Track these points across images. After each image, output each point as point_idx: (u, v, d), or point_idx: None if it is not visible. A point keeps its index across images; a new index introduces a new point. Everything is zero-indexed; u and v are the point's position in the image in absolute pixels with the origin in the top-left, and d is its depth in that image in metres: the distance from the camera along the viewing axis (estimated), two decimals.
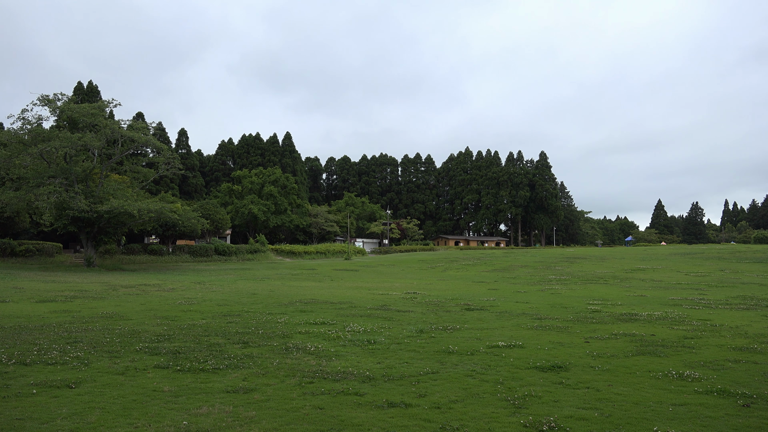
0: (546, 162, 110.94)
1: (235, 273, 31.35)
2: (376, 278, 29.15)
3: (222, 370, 7.26)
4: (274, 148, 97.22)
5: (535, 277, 29.28)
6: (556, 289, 21.98)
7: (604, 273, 31.51)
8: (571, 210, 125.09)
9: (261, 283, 23.79)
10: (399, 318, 12.53)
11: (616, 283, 24.97)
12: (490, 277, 30.40)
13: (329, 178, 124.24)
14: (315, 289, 20.93)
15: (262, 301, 15.97)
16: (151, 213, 32.89)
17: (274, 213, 70.96)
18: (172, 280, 24.49)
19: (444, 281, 27.11)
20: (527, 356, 8.32)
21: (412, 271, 35.80)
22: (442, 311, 14.02)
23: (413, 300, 16.96)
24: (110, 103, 37.56)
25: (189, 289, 19.95)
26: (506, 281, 26.96)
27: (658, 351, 8.82)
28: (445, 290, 21.26)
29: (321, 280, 26.83)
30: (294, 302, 15.73)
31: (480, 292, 20.62)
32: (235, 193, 73.27)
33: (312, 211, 77.95)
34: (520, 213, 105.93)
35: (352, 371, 7.24)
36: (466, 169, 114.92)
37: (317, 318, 12.18)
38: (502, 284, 24.89)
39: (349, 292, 20.06)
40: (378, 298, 17.40)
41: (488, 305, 15.48)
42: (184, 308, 13.99)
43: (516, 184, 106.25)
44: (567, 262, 40.67)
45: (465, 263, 41.35)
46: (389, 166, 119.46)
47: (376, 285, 23.94)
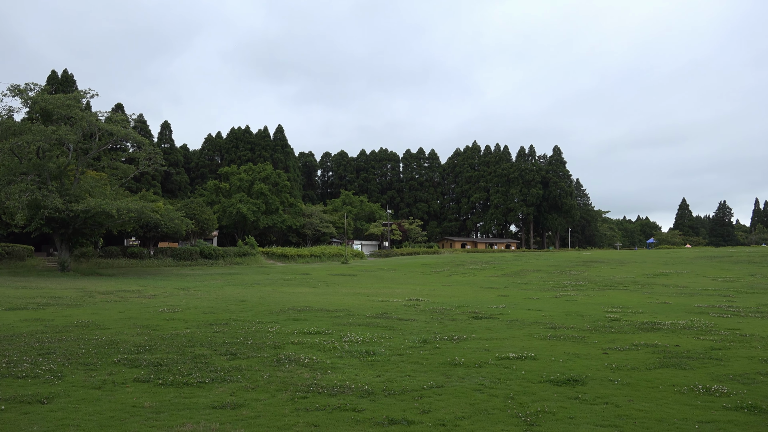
0: (560, 157, 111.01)
1: (223, 278, 31.35)
2: (375, 284, 29.12)
3: (208, 384, 7.25)
4: (264, 143, 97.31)
5: (548, 283, 29.26)
6: (571, 295, 21.96)
7: (624, 278, 31.50)
8: (588, 210, 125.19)
9: (250, 289, 23.77)
10: (400, 327, 12.52)
11: (636, 289, 24.96)
12: (499, 282, 30.37)
13: (325, 174, 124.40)
14: (309, 296, 20.91)
15: (251, 309, 15.95)
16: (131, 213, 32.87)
17: (265, 213, 70.98)
18: (154, 286, 24.49)
19: (449, 287, 27.08)
20: (540, 369, 8.30)
21: (414, 276, 35.78)
22: (447, 320, 14.01)
23: (416, 307, 16.95)
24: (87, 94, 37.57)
25: (172, 296, 19.93)
26: (517, 287, 26.95)
27: (683, 363, 8.80)
28: (450, 297, 21.24)
29: (315, 286, 26.82)
30: (286, 310, 15.71)
31: (489, 298, 20.59)
32: (222, 191, 73.30)
33: (306, 210, 77.97)
34: (532, 213, 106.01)
35: (349, 385, 7.23)
36: (473, 165, 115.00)
37: (311, 327, 12.17)
38: (512, 290, 24.87)
39: (346, 298, 20.04)
40: (378, 306, 17.39)
41: (498, 313, 15.47)
42: (167, 316, 13.98)
43: (527, 181, 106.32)
44: (583, 266, 40.67)
45: (472, 267, 41.33)
46: (390, 162, 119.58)
47: (375, 291, 23.92)
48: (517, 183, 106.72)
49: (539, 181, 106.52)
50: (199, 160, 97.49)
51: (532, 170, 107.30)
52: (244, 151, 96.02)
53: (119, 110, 72.91)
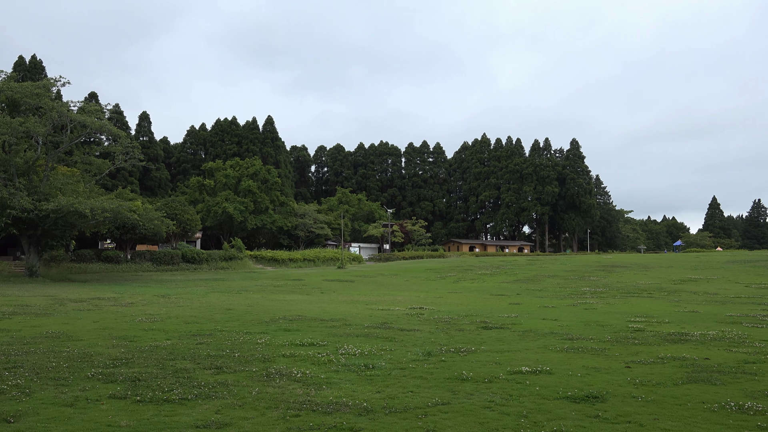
0: (578, 152, 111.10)
1: (207, 284, 31.36)
2: (374, 290, 29.13)
3: (190, 401, 7.25)
4: (253, 135, 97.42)
5: (565, 290, 29.27)
6: (590, 303, 21.97)
7: (649, 284, 31.51)
8: (609, 209, 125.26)
9: (237, 297, 23.79)
10: (402, 338, 12.52)
11: (662, 297, 24.97)
12: (511, 289, 30.39)
13: (319, 170, 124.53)
14: (302, 304, 20.92)
15: (238, 318, 15.96)
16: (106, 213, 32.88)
17: (253, 212, 71.03)
18: (131, 293, 24.50)
19: (456, 294, 27.10)
20: (556, 384, 8.30)
21: (418, 282, 35.80)
22: (454, 330, 14.01)
23: (419, 316, 16.95)
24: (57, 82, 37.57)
25: (151, 304, 19.94)
26: (531, 294, 26.96)
27: (714, 378, 8.80)
28: (457, 305, 21.25)
29: (309, 293, 26.83)
30: (277, 319, 15.72)
31: (500, 307, 20.60)
32: (206, 189, 73.36)
33: (298, 210, 78.03)
34: (547, 212, 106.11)
35: (346, 402, 7.23)
36: (482, 160, 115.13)
37: (304, 338, 12.17)
38: (526, 298, 24.89)
39: (342, 307, 20.06)
40: (377, 315, 17.39)
41: (509, 323, 15.47)
42: (145, 326, 13.98)
43: (542, 177, 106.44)
44: (604, 271, 40.69)
45: (481, 272, 41.34)
46: (391, 157, 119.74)
47: (375, 299, 23.94)
48: (531, 180, 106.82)
49: (555, 178, 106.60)
50: (180, 154, 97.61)
51: (547, 166, 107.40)
52: (230, 144, 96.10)
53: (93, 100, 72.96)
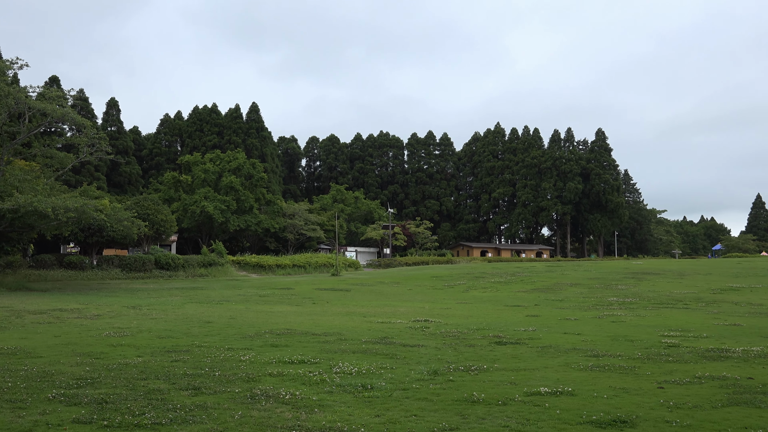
0: (604, 143, 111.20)
1: (183, 294, 31.38)
2: (373, 301, 29.14)
3: (164, 426, 7.26)
4: (236, 125, 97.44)
5: (589, 300, 29.28)
6: (618, 315, 21.99)
7: (684, 294, 31.53)
8: (639, 209, 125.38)
9: (218, 308, 23.81)
10: (405, 355, 12.53)
11: (700, 308, 24.98)
12: (528, 299, 30.40)
13: (311, 165, 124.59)
14: (291, 316, 20.95)
15: (219, 332, 15.97)
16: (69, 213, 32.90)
17: (236, 212, 71.09)
18: (98, 304, 24.52)
19: (466, 305, 27.12)
20: (579, 407, 8.31)
21: (422, 291, 35.81)
22: (463, 345, 14.02)
23: (424, 330, 16.97)
24: (14, 64, 37.59)
25: (120, 316, 19.96)
26: (551, 305, 26.97)
27: (758, 400, 8.80)
28: (467, 317, 21.27)
29: (299, 304, 26.85)
30: (262, 333, 15.73)
31: (515, 319, 20.62)
32: (182, 186, 73.40)
33: (287, 209, 78.09)
34: (569, 212, 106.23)
35: (341, 427, 7.23)
36: (496, 152, 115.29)
37: (294, 355, 12.18)
38: (545, 309, 24.90)
39: (337, 319, 20.07)
40: (377, 328, 17.41)
41: (526, 337, 15.48)
42: (114, 342, 14.00)
43: (564, 172, 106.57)
44: (633, 278, 40.70)
45: (494, 280, 41.37)
46: (392, 149, 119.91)
47: (374, 310, 23.96)
48: (551, 175, 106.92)
49: (578, 173, 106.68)
50: (153, 146, 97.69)
51: (569, 159, 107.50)
52: (210, 135, 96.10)
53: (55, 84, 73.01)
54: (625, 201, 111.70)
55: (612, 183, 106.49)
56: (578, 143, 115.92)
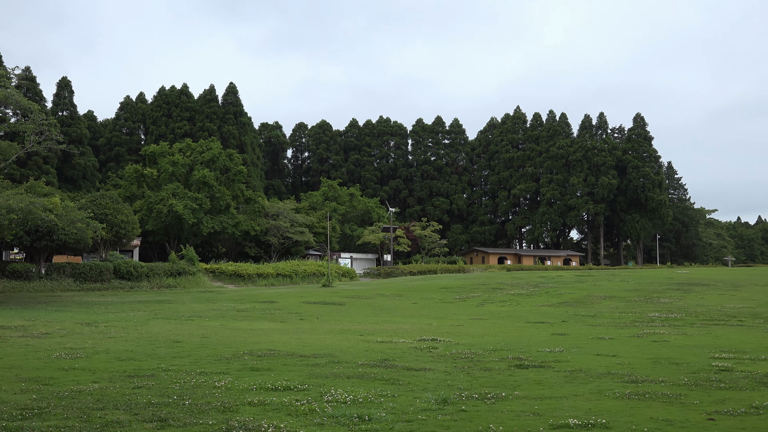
0: (644, 130, 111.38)
1: (147, 308, 31.35)
2: (372, 316, 29.12)
3: None
4: (210, 109, 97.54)
5: (626, 316, 29.26)
6: (660, 334, 21.95)
7: (739, 309, 31.48)
8: (685, 208, 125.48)
9: (188, 325, 23.78)
10: (409, 380, 12.50)
11: (757, 325, 24.94)
12: (555, 314, 30.38)
13: (298, 156, 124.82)
14: (275, 334, 20.92)
15: (189, 354, 15.94)
16: (12, 213, 32.85)
17: (210, 212, 71.12)
18: (46, 320, 24.48)
19: (481, 321, 27.10)
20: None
21: (429, 306, 35.78)
22: (477, 369, 13.99)
23: (432, 351, 16.94)
24: None
25: (73, 335, 19.92)
26: (581, 321, 26.95)
27: None
28: (482, 335, 21.25)
29: (284, 320, 26.82)
30: (241, 355, 15.70)
31: (539, 338, 20.60)
32: (147, 181, 73.46)
33: (270, 208, 78.13)
34: (602, 212, 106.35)
35: None
36: (515, 141, 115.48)
37: (278, 380, 12.14)
38: (574, 326, 24.88)
39: (329, 338, 20.05)
40: (376, 349, 17.38)
41: (552, 360, 15.45)
42: (65, 365, 13.96)
43: (596, 165, 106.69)
44: (678, 290, 40.67)
45: (515, 293, 41.35)
46: (394, 138, 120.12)
47: (372, 327, 23.94)
48: (581, 168, 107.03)
49: (613, 166, 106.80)
50: (112, 134, 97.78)
51: (602, 150, 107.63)
52: (179, 121, 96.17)
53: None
54: (668, 199, 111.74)
55: (653, 177, 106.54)
56: (613, 130, 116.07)
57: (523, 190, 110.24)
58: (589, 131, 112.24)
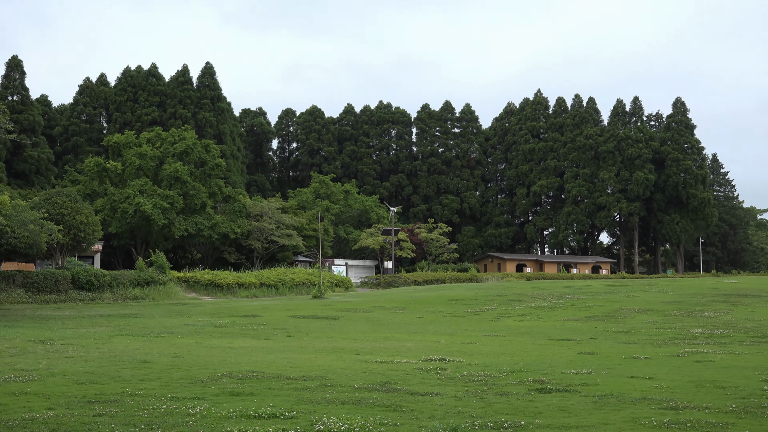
0: (685, 117, 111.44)
1: (111, 323, 31.33)
2: (371, 333, 29.13)
3: None
4: (183, 93, 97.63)
5: (665, 332, 29.24)
6: (704, 353, 21.93)
7: None
8: (732, 207, 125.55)
9: (158, 342, 23.76)
10: (414, 406, 12.48)
11: None
12: (582, 330, 30.37)
13: (285, 147, 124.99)
14: (258, 353, 20.90)
15: (159, 376, 15.92)
16: None
17: (183, 212, 71.15)
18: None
19: (497, 338, 27.10)
20: None
21: (437, 320, 35.77)
22: (493, 394, 13.98)
23: (440, 373, 16.93)
24: None
25: (24, 354, 19.91)
26: (612, 339, 26.94)
27: None
28: (498, 355, 21.25)
29: (269, 337, 26.81)
30: (219, 377, 15.68)
31: (564, 358, 20.59)
32: (110, 176, 73.47)
33: (253, 208, 78.15)
34: (636, 212, 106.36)
35: None
36: (536, 130, 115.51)
37: (261, 407, 12.13)
38: (604, 344, 24.87)
39: (321, 357, 20.04)
40: (375, 370, 17.37)
41: (579, 383, 15.43)
42: (15, 389, 13.93)
43: (630, 158, 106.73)
44: (725, 302, 40.63)
45: (536, 305, 41.33)
46: (396, 126, 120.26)
47: (371, 345, 23.94)
48: (612, 161, 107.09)
49: (649, 159, 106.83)
50: (70, 122, 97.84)
51: (637, 140, 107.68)
52: (147, 107, 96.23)
53: None
54: (713, 197, 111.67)
55: (695, 172, 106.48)
56: (649, 117, 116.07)
57: (545, 186, 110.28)
58: (621, 118, 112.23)
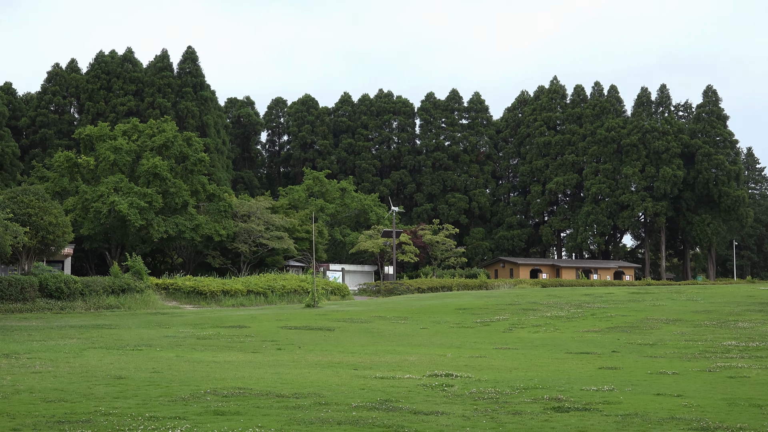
0: (716, 107, 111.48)
1: (83, 334, 31.33)
2: (370, 345, 29.13)
3: None
4: (162, 81, 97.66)
5: (695, 344, 29.23)
6: (738, 368, 21.92)
7: None
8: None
9: (134, 356, 23.75)
10: (417, 427, 12.48)
11: None
12: (603, 342, 30.37)
13: (275, 140, 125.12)
14: (245, 368, 20.90)
15: (136, 393, 15.91)
16: None
17: (163, 212, 71.13)
18: None
19: (509, 351, 27.11)
20: None
21: (443, 331, 35.77)
22: (504, 413, 13.98)
23: (446, 390, 16.93)
24: None
25: None
26: (636, 352, 26.94)
27: None
28: (511, 370, 21.26)
29: (258, 350, 26.82)
30: (202, 395, 15.67)
31: (583, 373, 20.60)
32: (82, 172, 73.46)
33: (240, 207, 78.18)
34: (663, 212, 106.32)
35: None
36: (552, 121, 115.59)
37: (248, 427, 12.13)
38: (627, 358, 24.87)
39: (314, 373, 20.04)
40: (375, 386, 17.38)
41: (599, 401, 15.43)
42: None
43: (656, 152, 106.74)
44: (761, 312, 40.61)
45: (552, 315, 41.34)
46: (398, 117, 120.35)
47: (370, 359, 23.94)
48: (636, 155, 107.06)
49: (677, 153, 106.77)
50: (37, 112, 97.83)
51: (664, 132, 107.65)
52: (122, 96, 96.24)
53: None
54: (748, 195, 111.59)
55: (728, 167, 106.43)
56: (677, 107, 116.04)
57: (562, 183, 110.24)
58: (646, 108, 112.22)
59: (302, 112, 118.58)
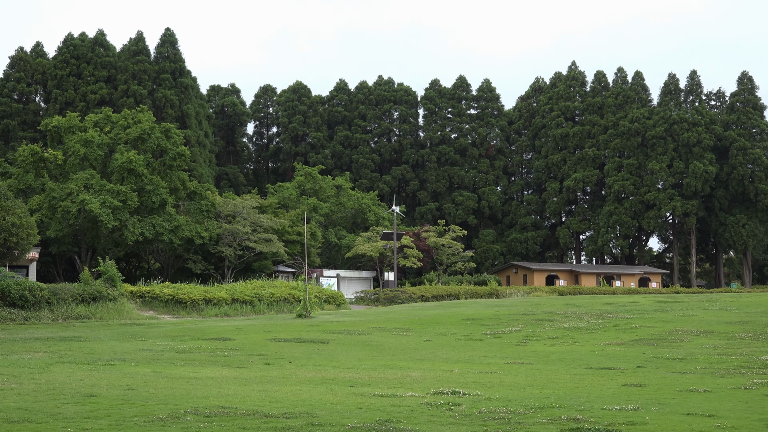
0: (753, 96, 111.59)
1: (49, 348, 31.32)
2: (368, 360, 29.15)
3: None
4: (138, 67, 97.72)
5: (729, 359, 29.20)
6: None
7: None
8: None
9: (107, 372, 23.74)
10: None
11: None
12: (627, 357, 30.36)
13: (263, 132, 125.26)
14: (230, 385, 20.89)
15: (108, 413, 15.91)
16: None
17: (139, 212, 71.14)
18: None
19: (523, 366, 27.11)
20: None
21: (449, 344, 35.79)
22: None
23: (453, 409, 16.93)
24: None
25: None
26: (664, 367, 26.93)
27: None
28: (524, 387, 21.26)
29: (243, 365, 26.80)
30: (182, 414, 15.67)
31: (604, 391, 20.60)
32: (49, 167, 73.46)
33: (224, 206, 78.21)
34: (693, 212, 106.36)
35: None
36: (570, 111, 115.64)
37: None
38: (654, 374, 24.86)
39: (306, 390, 20.04)
40: (373, 405, 17.39)
41: (623, 421, 15.43)
42: None
43: (686, 145, 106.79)
44: None
45: (570, 326, 41.36)
46: (399, 107, 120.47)
47: (368, 375, 23.96)
48: (663, 149, 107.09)
49: (709, 146, 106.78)
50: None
51: (695, 123, 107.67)
52: (94, 83, 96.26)
53: None
54: None
55: (766, 163, 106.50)
56: (709, 96, 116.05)
57: (581, 180, 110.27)
58: (674, 97, 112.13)
59: (293, 101, 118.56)
